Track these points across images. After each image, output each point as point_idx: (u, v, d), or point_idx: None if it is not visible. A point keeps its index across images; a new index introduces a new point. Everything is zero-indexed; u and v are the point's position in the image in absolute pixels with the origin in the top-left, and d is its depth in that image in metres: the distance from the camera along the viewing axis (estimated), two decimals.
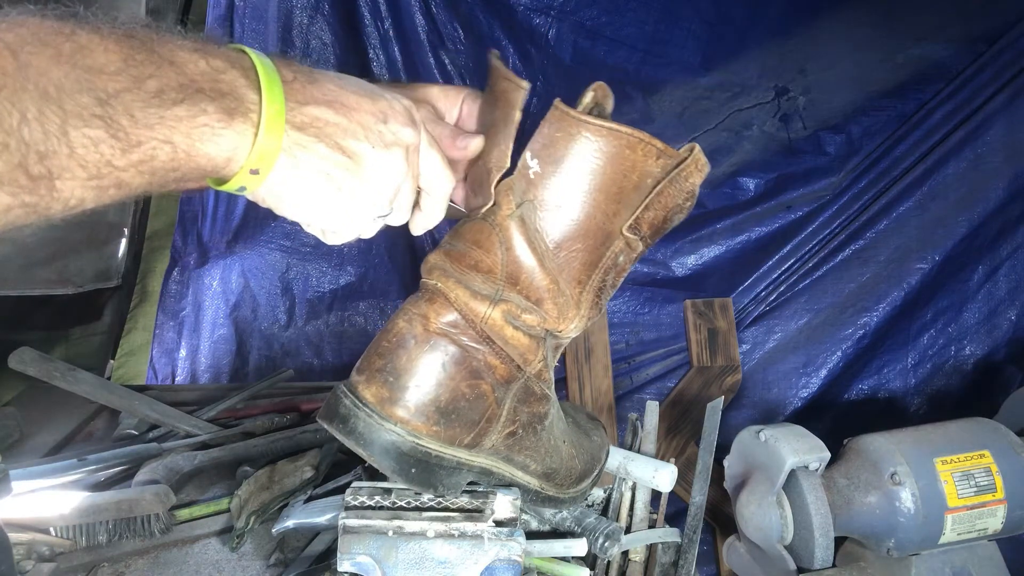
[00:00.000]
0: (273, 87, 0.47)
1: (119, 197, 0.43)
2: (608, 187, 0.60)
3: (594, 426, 0.83)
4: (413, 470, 0.62)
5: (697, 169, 0.63)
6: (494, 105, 0.63)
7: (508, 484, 0.70)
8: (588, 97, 0.63)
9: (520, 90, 0.61)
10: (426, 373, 0.61)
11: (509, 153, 0.61)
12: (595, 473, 0.79)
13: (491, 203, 0.61)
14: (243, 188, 0.49)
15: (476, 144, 0.63)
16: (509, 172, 0.61)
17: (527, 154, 0.60)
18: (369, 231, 0.58)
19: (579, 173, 0.60)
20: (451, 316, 0.62)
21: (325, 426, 0.63)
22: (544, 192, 0.60)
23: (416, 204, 0.61)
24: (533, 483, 0.72)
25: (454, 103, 0.69)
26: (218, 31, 1.70)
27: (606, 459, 0.82)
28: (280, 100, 0.47)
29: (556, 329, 0.65)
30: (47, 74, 0.38)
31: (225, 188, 0.49)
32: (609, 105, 0.65)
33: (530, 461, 0.70)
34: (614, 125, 0.58)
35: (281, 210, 0.52)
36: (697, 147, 0.62)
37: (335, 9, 1.75)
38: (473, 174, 0.65)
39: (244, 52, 0.48)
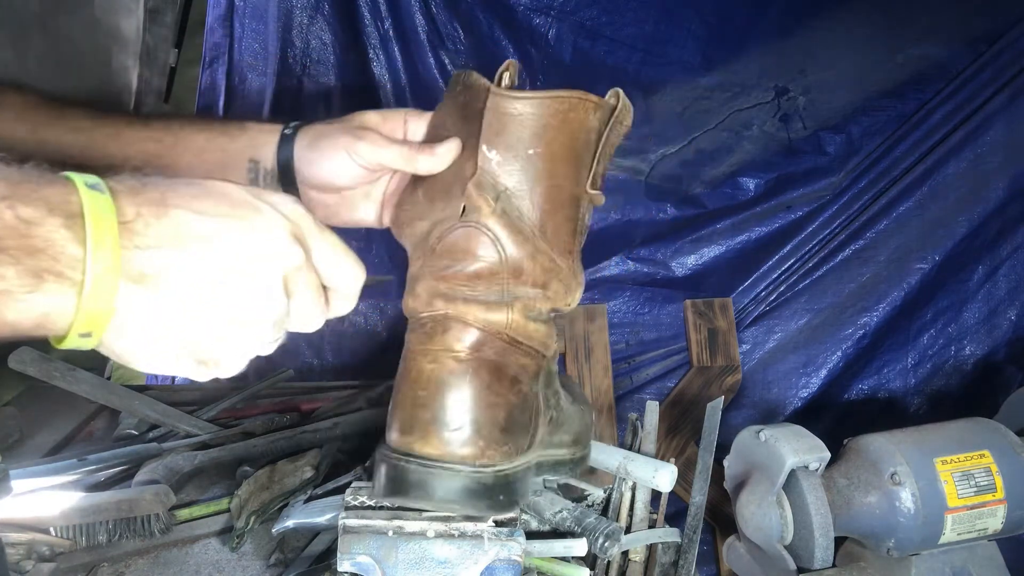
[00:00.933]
0: (103, 237, 0.39)
1: None
2: (565, 153, 0.61)
3: (566, 377, 0.84)
4: (501, 497, 0.61)
5: (627, 111, 0.64)
6: (470, 117, 0.62)
7: (553, 466, 0.71)
8: (506, 77, 0.63)
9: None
10: (477, 402, 0.60)
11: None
12: (592, 413, 0.81)
13: (462, 208, 0.61)
14: (78, 347, 0.42)
15: (452, 150, 0.62)
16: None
17: (483, 147, 0.60)
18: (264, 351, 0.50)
19: (537, 149, 0.60)
20: (473, 336, 0.61)
21: (399, 502, 0.61)
22: (512, 178, 0.60)
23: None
24: (567, 454, 0.73)
25: (397, 125, 0.68)
26: (218, 31, 1.70)
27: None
28: (112, 252, 0.39)
29: (564, 304, 0.65)
30: None
31: (59, 346, 0.42)
32: (516, 81, 0.65)
33: (565, 435, 0.71)
34: (551, 92, 0.59)
35: (122, 360, 0.44)
36: (620, 91, 0.63)
37: (335, 9, 1.75)
38: (439, 179, 0.63)
39: (74, 188, 0.40)
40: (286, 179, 0.69)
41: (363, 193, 0.71)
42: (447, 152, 0.62)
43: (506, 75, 0.63)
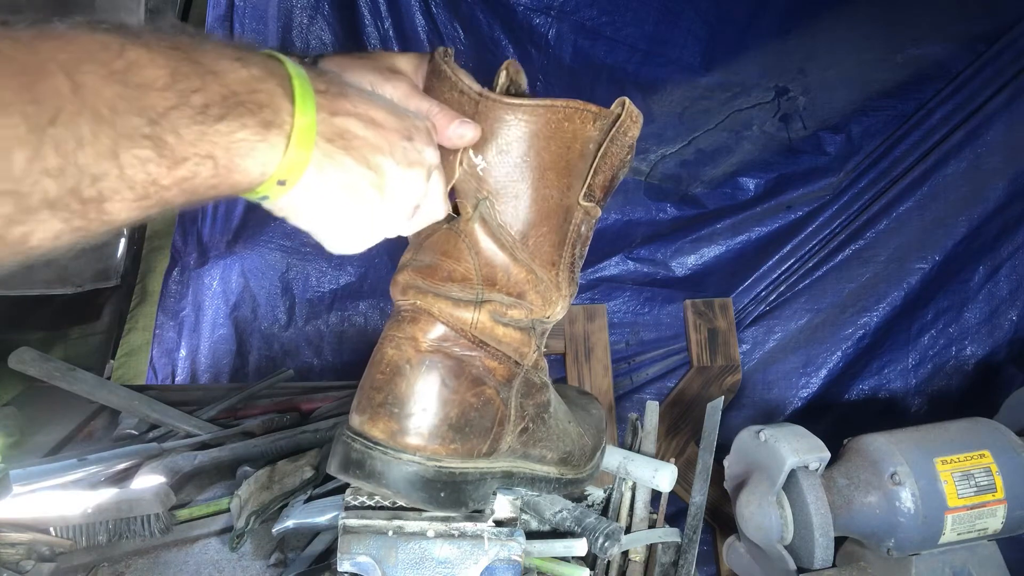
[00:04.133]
0: (307, 99, 0.46)
1: (158, 215, 0.42)
2: (556, 163, 0.59)
3: (588, 400, 0.83)
4: (442, 494, 0.61)
5: (633, 122, 0.62)
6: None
7: (531, 480, 0.70)
8: (502, 77, 0.62)
9: (472, 102, 0.58)
10: (429, 394, 0.60)
11: (455, 169, 0.59)
12: (604, 444, 0.80)
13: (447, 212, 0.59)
14: (265, 198, 0.48)
15: (475, 134, 0.58)
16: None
17: (470, 152, 0.59)
18: (374, 243, 0.57)
19: (526, 158, 0.59)
20: (439, 330, 0.61)
21: (341, 477, 0.62)
22: (497, 186, 0.59)
23: None
24: (553, 472, 0.71)
25: (421, 69, 0.64)
26: (218, 31, 1.70)
27: (606, 428, 0.82)
28: (312, 112, 0.46)
29: (543, 316, 0.64)
30: (100, 95, 0.37)
31: (246, 195, 0.48)
32: (523, 81, 0.64)
33: (546, 451, 0.70)
34: (548, 101, 0.57)
35: (298, 221, 0.51)
36: (627, 100, 0.61)
37: (335, 9, 1.75)
38: None
39: (279, 60, 0.47)
40: None
41: None
42: (473, 136, 0.58)
43: (503, 74, 0.62)
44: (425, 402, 0.60)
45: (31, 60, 0.35)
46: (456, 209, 0.61)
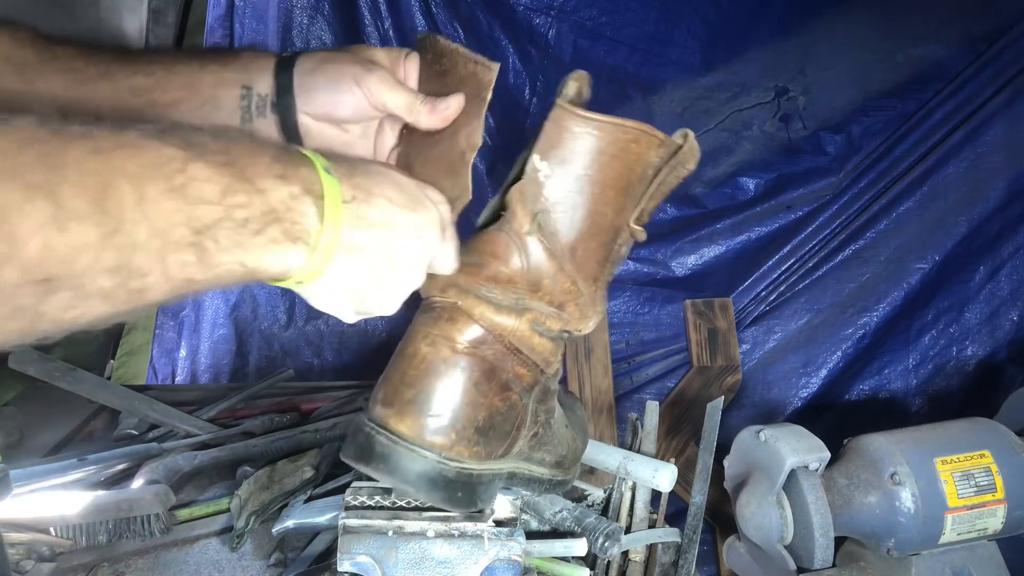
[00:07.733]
0: (336, 216, 0.49)
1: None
2: (617, 182, 0.60)
3: (572, 400, 0.83)
4: (459, 494, 0.61)
5: (692, 155, 0.63)
6: (455, 86, 0.61)
7: (527, 481, 0.70)
8: (572, 88, 0.62)
9: (492, 71, 0.59)
10: (461, 396, 0.60)
11: (481, 131, 0.60)
12: (587, 445, 0.80)
13: (467, 199, 0.60)
14: (277, 284, 0.52)
15: (456, 104, 0.61)
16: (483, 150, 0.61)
17: (535, 157, 0.59)
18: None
19: (589, 171, 0.59)
20: (476, 333, 0.61)
21: (361, 469, 0.62)
22: (557, 194, 0.60)
23: None
24: (546, 474, 0.72)
25: (399, 68, 0.66)
26: (218, 31, 1.70)
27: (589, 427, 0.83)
28: (339, 229, 0.50)
29: (576, 329, 0.64)
30: (160, 207, 0.41)
31: (272, 283, 0.52)
32: (587, 93, 0.64)
33: (546, 455, 0.70)
34: (619, 120, 0.58)
35: (307, 300, 0.55)
36: (690, 133, 0.62)
37: (335, 9, 1.75)
38: (437, 157, 0.63)
39: (316, 170, 0.49)
40: (282, 105, 0.66)
41: (361, 131, 0.69)
42: (455, 107, 0.61)
43: (573, 84, 0.62)
44: (456, 403, 0.60)
45: (105, 170, 0.40)
46: (502, 208, 0.61)
